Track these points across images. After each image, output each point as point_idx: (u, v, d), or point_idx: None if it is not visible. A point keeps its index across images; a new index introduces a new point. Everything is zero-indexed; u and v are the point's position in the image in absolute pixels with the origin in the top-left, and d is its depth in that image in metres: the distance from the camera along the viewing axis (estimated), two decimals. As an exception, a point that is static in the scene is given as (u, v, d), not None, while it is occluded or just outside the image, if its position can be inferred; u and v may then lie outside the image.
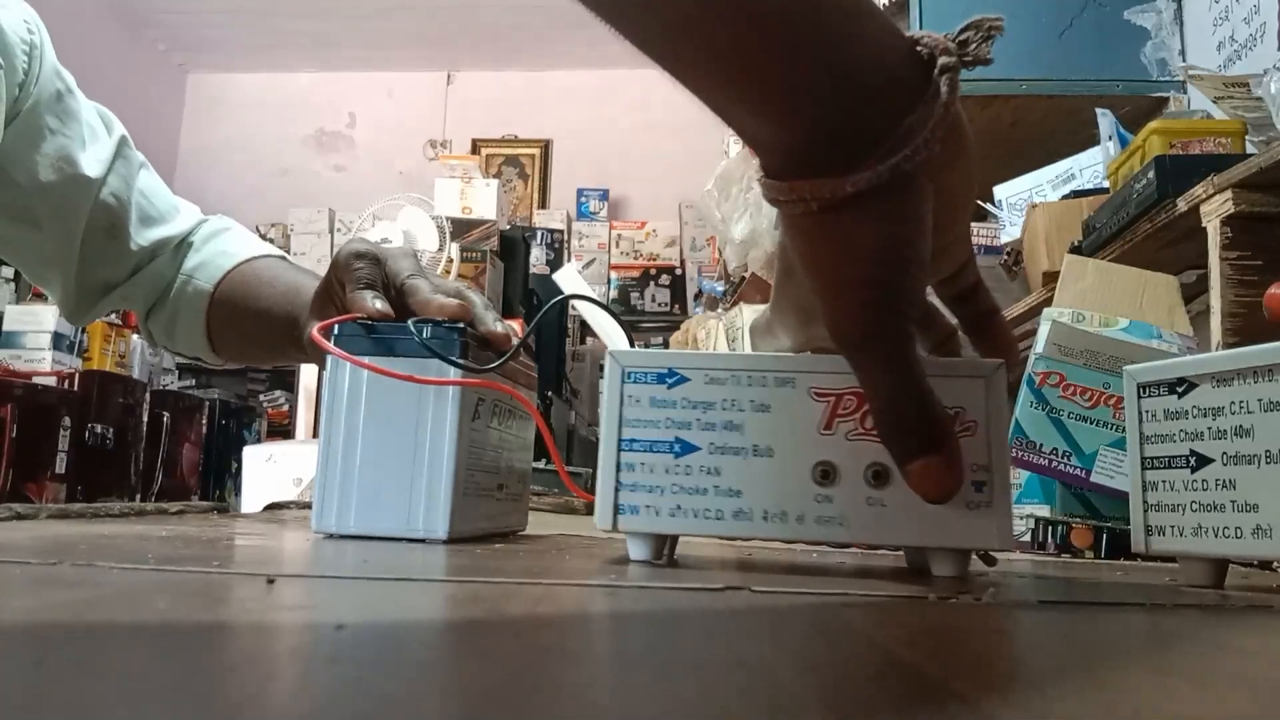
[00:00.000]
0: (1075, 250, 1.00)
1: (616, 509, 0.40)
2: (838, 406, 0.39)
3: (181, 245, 0.76)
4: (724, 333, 2.42)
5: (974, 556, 0.42)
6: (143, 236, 0.74)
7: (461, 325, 0.51)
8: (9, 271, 2.92)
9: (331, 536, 0.49)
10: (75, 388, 2.51)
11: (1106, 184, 1.10)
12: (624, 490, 0.40)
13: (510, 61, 4.88)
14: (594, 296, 0.72)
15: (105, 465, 2.52)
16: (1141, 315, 0.74)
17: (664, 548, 0.41)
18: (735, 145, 3.50)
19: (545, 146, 4.95)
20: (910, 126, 0.31)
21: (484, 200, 3.47)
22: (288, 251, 5.04)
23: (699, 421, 0.40)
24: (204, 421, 3.06)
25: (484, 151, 4.90)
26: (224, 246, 0.76)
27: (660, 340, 4.04)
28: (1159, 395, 0.40)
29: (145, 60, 4.76)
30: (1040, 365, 0.68)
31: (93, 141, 0.71)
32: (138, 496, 2.64)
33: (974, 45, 0.33)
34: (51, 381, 2.53)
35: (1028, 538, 0.72)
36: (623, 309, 4.49)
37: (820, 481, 0.38)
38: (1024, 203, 1.24)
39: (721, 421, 0.40)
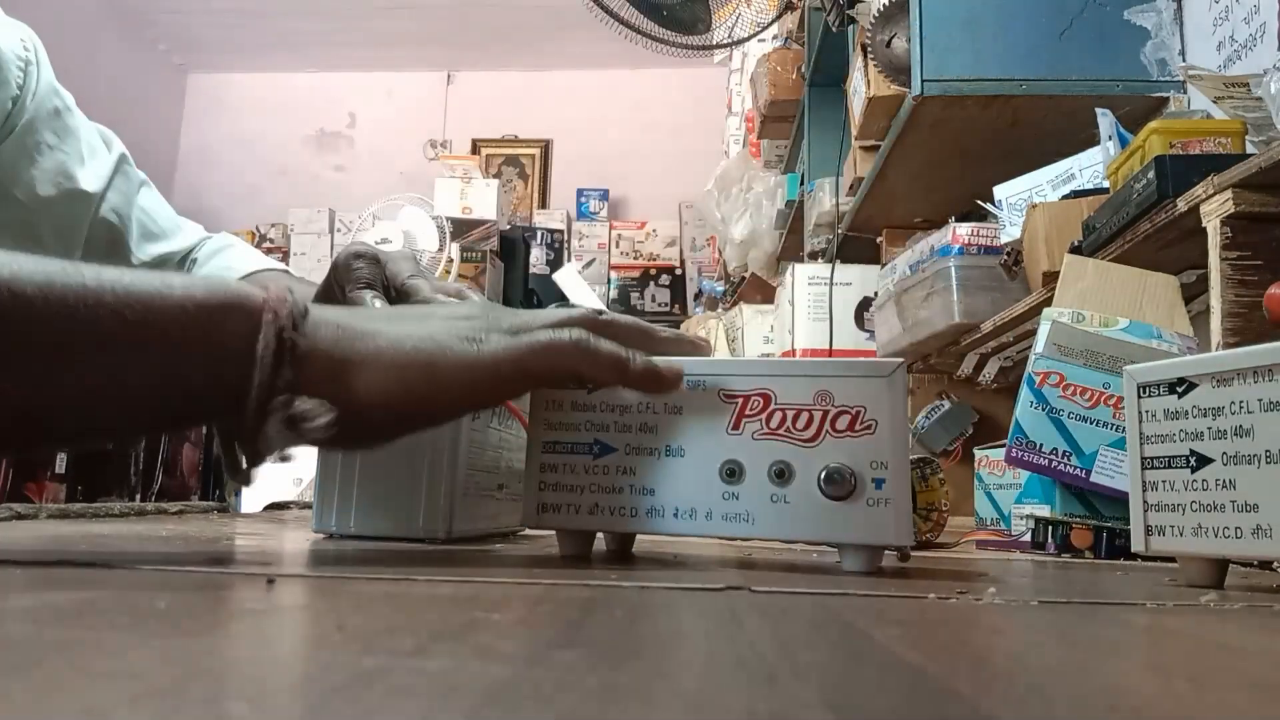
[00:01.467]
0: (1075, 250, 1.00)
1: (539, 507, 0.42)
2: (745, 407, 0.40)
3: (184, 261, 0.77)
4: (724, 333, 2.42)
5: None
6: (144, 252, 0.74)
7: (461, 325, 0.51)
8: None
9: (332, 536, 0.49)
10: (75, 388, 2.51)
11: (1106, 184, 1.10)
12: (546, 490, 0.42)
13: (510, 61, 4.88)
14: (593, 297, 0.72)
15: (105, 465, 2.52)
16: (1141, 315, 0.74)
17: (590, 544, 0.43)
18: (735, 145, 3.49)
19: (545, 146, 4.95)
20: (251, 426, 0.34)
21: (484, 200, 3.47)
22: (288, 252, 4.98)
23: (616, 424, 0.42)
24: (204, 421, 3.05)
25: (484, 151, 4.90)
26: (227, 262, 0.76)
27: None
28: (1159, 395, 0.40)
29: (145, 60, 4.76)
30: (1040, 365, 0.68)
31: (91, 158, 0.71)
32: (138, 496, 2.64)
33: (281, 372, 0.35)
34: (51, 381, 2.52)
35: (1028, 538, 0.72)
36: (623, 309, 4.49)
37: (727, 479, 0.40)
38: (1024, 203, 1.24)
39: (637, 423, 0.41)
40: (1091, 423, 0.67)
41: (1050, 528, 0.69)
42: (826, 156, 2.18)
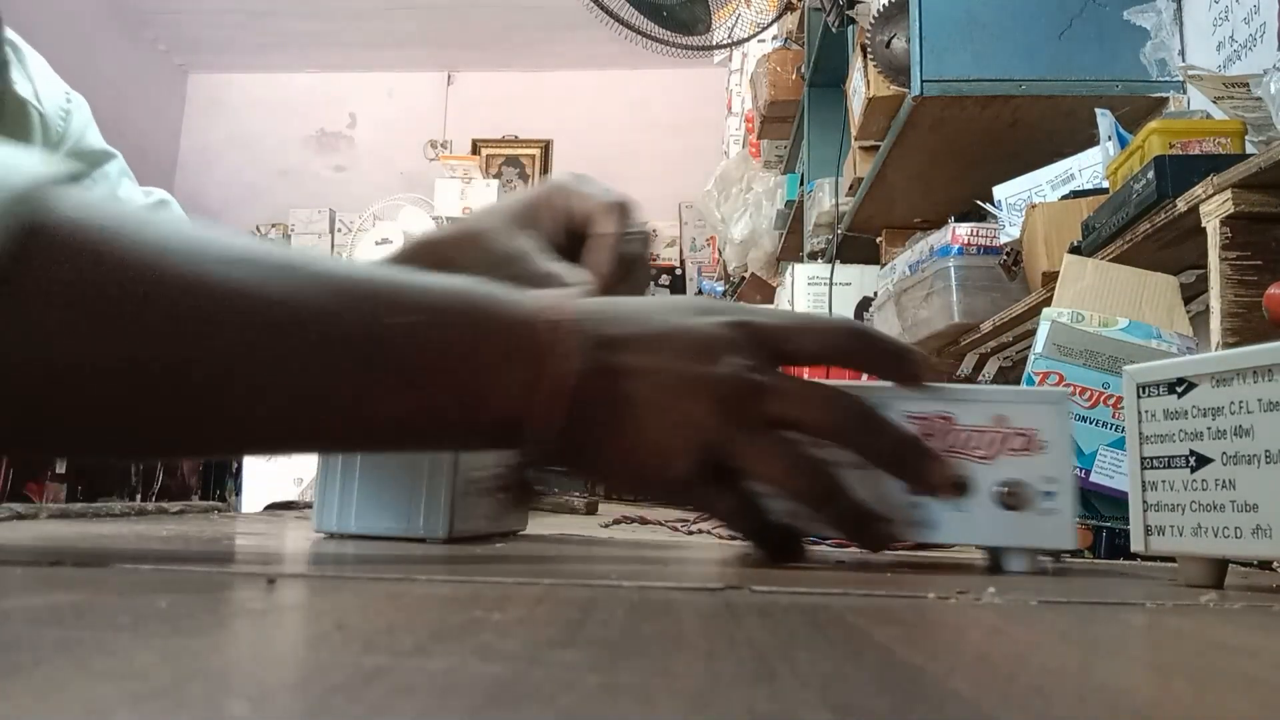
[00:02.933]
0: (1075, 250, 1.00)
1: None
2: (928, 428, 0.44)
3: None
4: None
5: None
6: None
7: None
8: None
9: (332, 536, 0.49)
10: (75, 388, 2.50)
11: (1106, 184, 1.10)
12: None
13: (510, 61, 4.89)
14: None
15: (105, 465, 2.52)
16: (1141, 315, 0.74)
17: None
18: (735, 145, 3.49)
19: (545, 146, 4.96)
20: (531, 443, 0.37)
21: (484, 200, 3.47)
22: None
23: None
24: (204, 421, 3.05)
25: (484, 152, 4.91)
26: None
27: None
28: (1158, 395, 0.40)
29: (145, 60, 4.76)
30: (1040, 365, 0.68)
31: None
32: (138, 496, 2.64)
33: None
34: (51, 381, 2.52)
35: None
36: (623, 309, 4.49)
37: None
38: (1023, 203, 1.24)
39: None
40: (1091, 423, 0.67)
41: (1050, 528, 0.69)
42: (826, 156, 2.18)
